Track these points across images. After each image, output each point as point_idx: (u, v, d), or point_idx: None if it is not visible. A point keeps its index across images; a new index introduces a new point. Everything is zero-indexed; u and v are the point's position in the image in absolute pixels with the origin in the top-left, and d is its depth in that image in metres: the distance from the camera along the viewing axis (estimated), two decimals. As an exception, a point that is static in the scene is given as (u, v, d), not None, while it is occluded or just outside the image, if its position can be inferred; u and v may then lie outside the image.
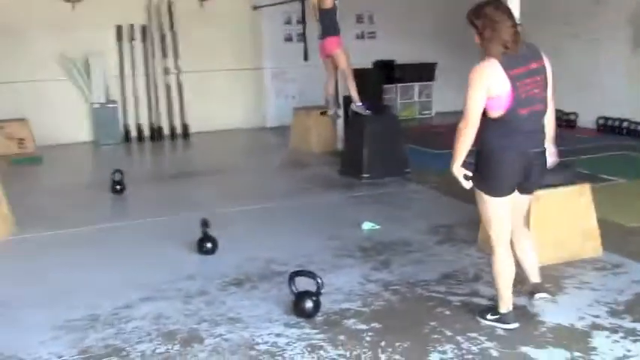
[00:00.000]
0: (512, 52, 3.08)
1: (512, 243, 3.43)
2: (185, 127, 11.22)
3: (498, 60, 3.08)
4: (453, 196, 6.10)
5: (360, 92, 9.24)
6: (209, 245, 4.75)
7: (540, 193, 4.21)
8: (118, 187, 6.85)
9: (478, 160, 3.28)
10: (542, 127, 3.29)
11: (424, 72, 12.42)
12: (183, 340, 3.39)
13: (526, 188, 3.36)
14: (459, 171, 3.18)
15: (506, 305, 3.38)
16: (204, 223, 4.79)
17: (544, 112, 3.24)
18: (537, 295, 3.60)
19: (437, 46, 12.27)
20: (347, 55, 7.83)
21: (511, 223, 3.37)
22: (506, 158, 3.19)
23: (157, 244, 5.10)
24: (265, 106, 11.93)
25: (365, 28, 12.47)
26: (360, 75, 11.67)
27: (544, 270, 4.06)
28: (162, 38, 11.09)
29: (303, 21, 9.73)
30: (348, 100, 8.62)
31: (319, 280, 3.58)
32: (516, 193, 3.31)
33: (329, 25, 7.66)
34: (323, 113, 8.99)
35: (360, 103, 7.61)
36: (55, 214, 6.24)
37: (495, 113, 3.13)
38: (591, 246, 4.38)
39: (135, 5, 10.90)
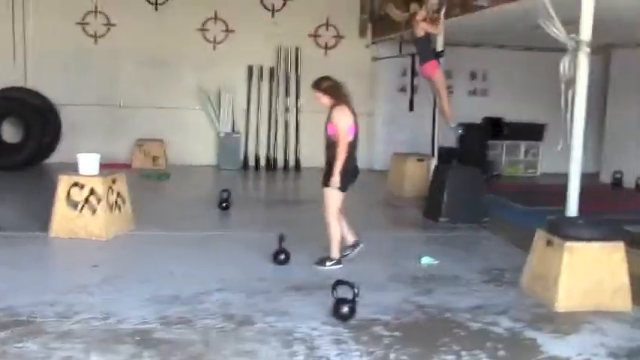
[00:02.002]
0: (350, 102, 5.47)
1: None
2: (297, 161, 12.29)
3: (347, 106, 5.39)
4: (520, 247, 6.54)
5: (466, 146, 9.90)
6: (282, 257, 5.57)
7: (575, 244, 4.69)
8: (224, 204, 7.90)
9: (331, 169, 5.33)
10: None
11: (532, 132, 12.69)
12: (238, 322, 4.20)
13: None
14: (338, 176, 5.29)
15: (337, 254, 5.55)
16: (281, 238, 5.63)
17: None
18: (358, 249, 5.79)
19: (549, 107, 12.48)
20: (444, 78, 8.44)
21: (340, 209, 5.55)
22: (352, 168, 5.43)
23: (243, 252, 6.01)
24: (374, 150, 12.72)
25: (478, 84, 13.05)
26: (467, 129, 12.30)
27: (569, 315, 4.53)
28: (287, 80, 12.31)
29: (411, 74, 10.49)
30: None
31: (356, 290, 4.27)
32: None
33: (425, 51, 8.32)
34: (420, 160, 9.67)
35: (455, 124, 8.26)
36: (168, 219, 7.39)
37: (350, 138, 5.31)
38: (621, 300, 4.71)
39: (266, 49, 12.24)
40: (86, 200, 6.25)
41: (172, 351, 3.70)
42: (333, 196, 5.45)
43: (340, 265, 5.55)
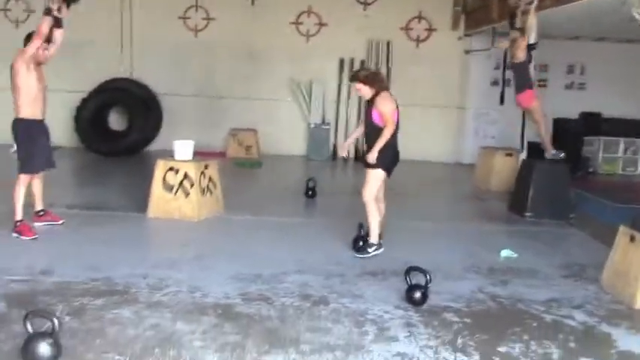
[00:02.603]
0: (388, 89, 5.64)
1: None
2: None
3: (389, 93, 5.52)
4: (605, 243, 6.38)
5: (560, 142, 9.64)
6: (360, 244, 5.73)
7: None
8: (310, 192, 8.16)
9: (382, 151, 5.39)
10: None
11: (632, 128, 12.16)
12: (314, 301, 4.41)
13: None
14: (376, 153, 5.39)
15: (377, 237, 5.60)
16: (360, 226, 5.80)
17: None
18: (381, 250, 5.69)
19: (652, 103, 12.01)
20: (541, 107, 8.21)
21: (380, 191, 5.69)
22: (394, 151, 5.58)
23: (325, 238, 6.23)
24: (464, 144, 12.66)
25: (575, 78, 12.68)
26: (561, 125, 11.98)
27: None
28: (378, 72, 12.43)
29: (503, 68, 10.34)
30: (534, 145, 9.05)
31: (428, 276, 4.38)
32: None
33: (522, 78, 8.10)
34: (509, 154, 9.55)
35: (554, 151, 7.99)
36: (257, 205, 7.74)
37: (394, 124, 5.40)
38: None
39: (358, 42, 12.43)
40: (180, 184, 6.66)
41: (251, 324, 3.96)
42: (376, 177, 5.55)
43: (382, 249, 5.62)
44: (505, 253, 5.89)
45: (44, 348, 3.24)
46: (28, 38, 5.65)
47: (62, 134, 11.42)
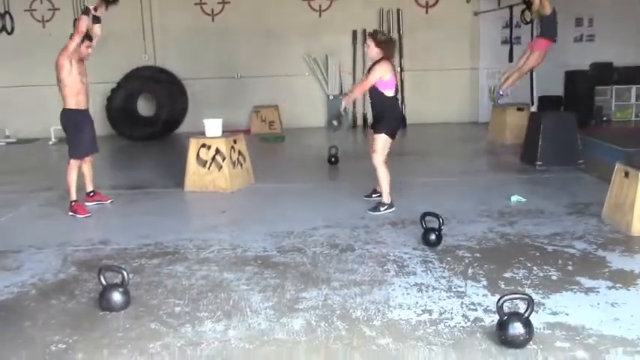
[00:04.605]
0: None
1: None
2: (404, 118, 12.84)
3: (390, 62, 5.95)
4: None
5: (572, 94, 10.05)
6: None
7: (647, 175, 5.05)
8: (333, 159, 8.71)
9: (384, 119, 6.06)
10: None
11: (643, 75, 12.45)
12: (341, 249, 4.99)
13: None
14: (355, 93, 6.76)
15: (389, 197, 6.05)
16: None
17: None
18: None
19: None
20: (540, 60, 8.74)
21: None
22: (397, 117, 6.33)
23: (347, 198, 6.79)
24: (478, 103, 13.06)
25: (584, 30, 12.95)
26: (573, 76, 12.29)
27: (643, 238, 4.94)
28: (390, 41, 12.84)
29: (511, 26, 10.70)
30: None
31: (441, 219, 4.93)
32: None
33: (546, 29, 8.68)
34: (520, 109, 9.98)
35: (502, 92, 9.25)
36: (283, 174, 8.34)
37: (390, 93, 5.96)
38: (694, 223, 5.04)
39: (369, 13, 12.84)
40: (213, 159, 7.25)
41: (287, 270, 4.55)
42: (383, 142, 6.07)
43: (393, 209, 6.04)
44: (515, 198, 6.39)
45: (117, 296, 3.86)
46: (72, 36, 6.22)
47: (95, 123, 12.03)
